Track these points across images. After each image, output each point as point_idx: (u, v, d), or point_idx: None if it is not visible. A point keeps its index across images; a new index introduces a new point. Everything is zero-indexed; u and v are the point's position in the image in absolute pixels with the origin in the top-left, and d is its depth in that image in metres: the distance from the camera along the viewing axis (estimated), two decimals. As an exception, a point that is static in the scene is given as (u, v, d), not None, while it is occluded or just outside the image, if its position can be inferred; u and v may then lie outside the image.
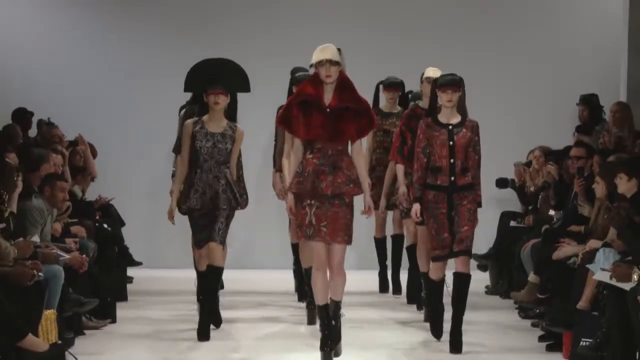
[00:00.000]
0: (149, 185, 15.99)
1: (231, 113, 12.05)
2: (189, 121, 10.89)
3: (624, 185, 11.74)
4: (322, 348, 10.21)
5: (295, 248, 14.39)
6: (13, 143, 15.03)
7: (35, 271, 11.04)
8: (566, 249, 12.55)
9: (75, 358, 11.72)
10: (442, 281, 11.02)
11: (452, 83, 10.38)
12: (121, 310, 14.81)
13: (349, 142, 10.35)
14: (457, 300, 10.71)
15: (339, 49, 10.23)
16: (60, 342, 11.59)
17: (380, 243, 16.15)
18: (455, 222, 10.56)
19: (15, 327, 10.56)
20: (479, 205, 10.69)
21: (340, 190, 9.69)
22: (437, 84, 10.56)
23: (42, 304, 11.22)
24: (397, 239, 15.53)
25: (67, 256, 12.93)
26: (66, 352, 11.54)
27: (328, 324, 10.29)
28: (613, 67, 18.92)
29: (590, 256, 11.70)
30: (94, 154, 18.00)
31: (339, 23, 20.83)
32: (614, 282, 10.39)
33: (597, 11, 19.79)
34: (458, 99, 10.44)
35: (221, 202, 11.06)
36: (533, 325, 13.66)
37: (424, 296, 12.97)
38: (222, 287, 13.09)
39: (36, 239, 12.68)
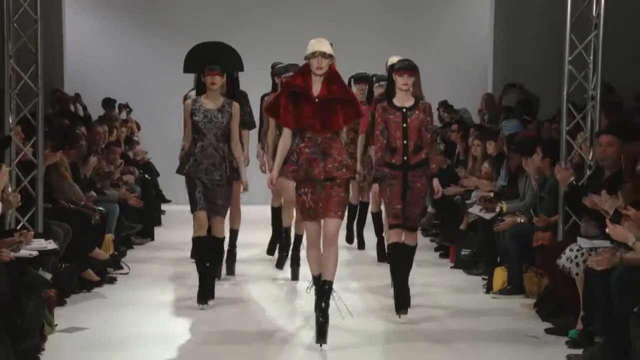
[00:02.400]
0: (175, 147, 15.25)
1: (230, 91, 10.76)
2: (188, 101, 9.81)
3: (492, 147, 13.37)
4: (316, 309, 8.83)
5: (275, 212, 13.16)
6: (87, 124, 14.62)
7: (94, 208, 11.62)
8: (451, 189, 13.35)
9: (127, 265, 12.15)
10: (400, 244, 9.72)
11: (408, 68, 9.33)
12: (157, 232, 15.53)
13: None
14: (404, 265, 9.81)
15: (330, 44, 8.95)
16: (116, 253, 12.23)
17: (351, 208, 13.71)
18: (409, 200, 9.59)
19: (87, 244, 11.00)
20: (434, 175, 9.73)
21: (332, 174, 8.58)
22: (395, 69, 9.51)
23: (105, 229, 11.98)
24: (364, 205, 14.00)
25: (116, 194, 13.25)
26: (120, 261, 12.20)
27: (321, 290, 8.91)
28: (481, 69, 18.49)
29: (468, 194, 13.31)
30: (139, 127, 18.03)
31: (309, 21, 18.78)
32: (482, 213, 11.97)
33: (468, 27, 18.98)
34: (413, 83, 9.35)
35: (215, 174, 9.76)
36: (431, 241, 15.13)
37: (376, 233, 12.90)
38: (218, 277, 11.24)
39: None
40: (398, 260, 9.83)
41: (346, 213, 10.05)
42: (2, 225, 9.67)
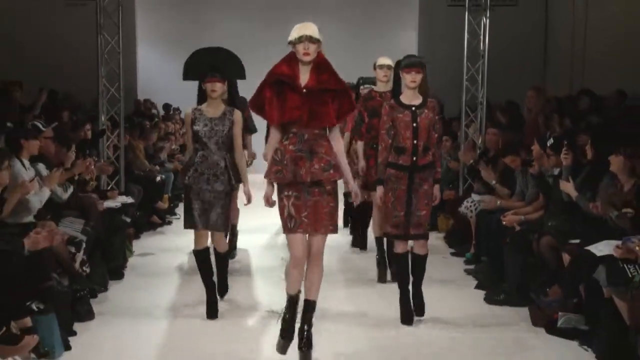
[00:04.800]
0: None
1: (230, 99, 7.83)
2: (189, 110, 6.91)
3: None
4: (281, 335, 5.70)
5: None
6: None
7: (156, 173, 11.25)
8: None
9: (176, 213, 11.38)
10: (405, 254, 6.80)
11: (416, 64, 6.58)
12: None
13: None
14: (416, 276, 6.76)
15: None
16: (172, 205, 11.78)
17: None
18: (414, 204, 6.60)
19: (153, 198, 10.72)
20: (438, 181, 6.73)
21: (318, 177, 5.51)
22: (401, 66, 6.70)
23: (164, 188, 11.56)
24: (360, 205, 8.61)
25: (171, 166, 12.45)
26: (174, 210, 11.67)
27: (293, 315, 5.73)
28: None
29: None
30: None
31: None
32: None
33: (400, 47, 13.97)
34: (421, 80, 6.61)
35: (217, 185, 6.73)
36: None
37: (377, 259, 8.18)
38: (225, 292, 7.42)
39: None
40: (404, 271, 6.78)
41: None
42: (99, 186, 9.63)
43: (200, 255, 6.99)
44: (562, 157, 7.29)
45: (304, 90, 5.48)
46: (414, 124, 6.49)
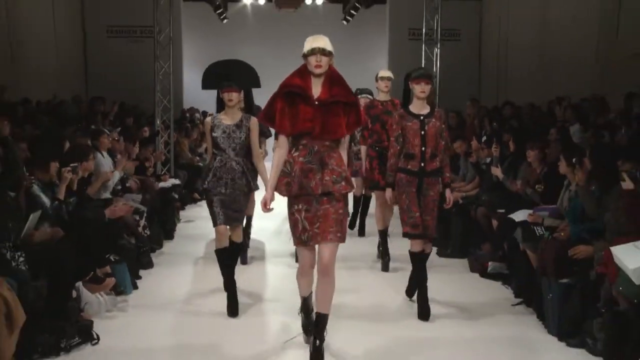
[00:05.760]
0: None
1: (247, 107, 6.15)
2: (208, 118, 5.61)
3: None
4: (304, 331, 4.60)
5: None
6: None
7: (198, 161, 10.89)
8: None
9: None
10: (422, 253, 5.42)
11: (425, 76, 5.40)
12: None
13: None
14: (419, 273, 5.41)
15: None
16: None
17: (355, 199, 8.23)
18: (422, 209, 5.33)
19: (196, 179, 9.96)
20: (447, 185, 5.39)
21: (329, 189, 4.22)
22: (411, 77, 5.43)
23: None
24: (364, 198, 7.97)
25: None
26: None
27: (308, 312, 4.54)
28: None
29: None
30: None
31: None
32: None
33: (372, 67, 13.92)
34: (430, 90, 5.42)
35: (237, 187, 5.40)
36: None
37: (380, 248, 6.84)
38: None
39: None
40: (423, 270, 5.37)
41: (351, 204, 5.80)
42: (155, 171, 9.46)
43: (223, 253, 5.47)
44: (492, 149, 7.31)
45: (316, 103, 4.15)
46: (422, 132, 5.28)
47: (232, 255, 5.62)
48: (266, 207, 4.22)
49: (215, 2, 14.43)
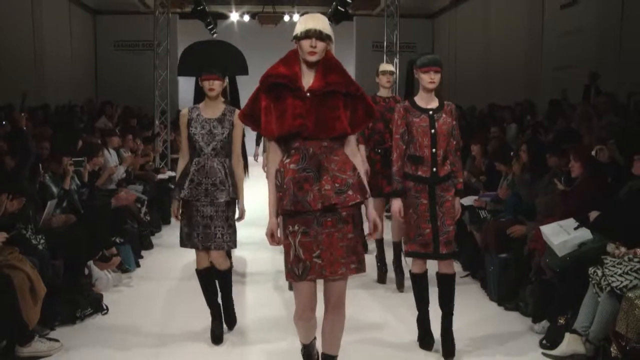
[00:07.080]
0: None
1: (231, 98, 4.78)
2: (184, 110, 3.80)
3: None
4: None
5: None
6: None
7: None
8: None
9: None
10: (424, 275, 3.71)
11: (434, 63, 3.54)
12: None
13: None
14: (445, 300, 3.62)
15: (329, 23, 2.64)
16: None
17: None
18: (440, 218, 3.56)
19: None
20: (460, 193, 3.68)
21: (331, 200, 2.48)
22: (418, 65, 3.55)
23: None
24: None
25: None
26: None
27: (310, 356, 2.83)
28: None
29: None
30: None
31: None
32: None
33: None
34: (439, 80, 3.61)
35: (219, 196, 3.66)
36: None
37: (394, 263, 5.10)
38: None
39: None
40: (424, 292, 3.74)
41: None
42: (154, 165, 9.18)
43: (204, 275, 3.96)
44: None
45: (308, 94, 2.62)
46: (432, 130, 3.63)
47: (222, 287, 4.01)
48: (273, 239, 2.69)
49: (206, 19, 14.22)
